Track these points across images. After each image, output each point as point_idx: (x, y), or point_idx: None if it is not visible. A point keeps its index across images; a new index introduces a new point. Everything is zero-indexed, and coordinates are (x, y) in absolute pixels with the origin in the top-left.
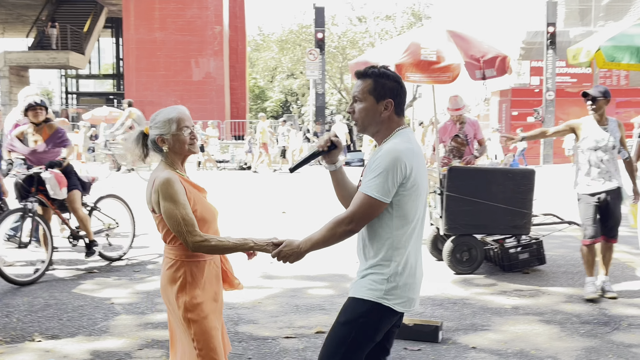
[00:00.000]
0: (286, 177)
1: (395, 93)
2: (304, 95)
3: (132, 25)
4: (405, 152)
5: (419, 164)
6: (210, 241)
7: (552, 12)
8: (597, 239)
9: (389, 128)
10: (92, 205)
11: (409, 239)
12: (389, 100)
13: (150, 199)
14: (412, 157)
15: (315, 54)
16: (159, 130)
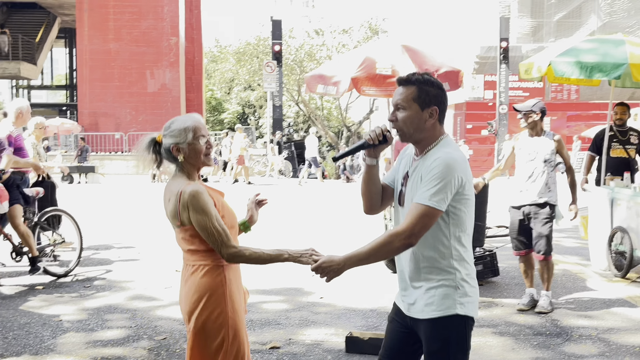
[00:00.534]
0: (242, 190)
1: (440, 100)
2: (262, 107)
3: (86, 36)
4: (459, 160)
5: (469, 172)
6: (245, 252)
7: (505, 28)
8: (522, 251)
9: (433, 136)
10: (37, 220)
11: (468, 246)
12: (434, 107)
13: (176, 212)
14: (465, 165)
15: (272, 66)
16: (174, 139)
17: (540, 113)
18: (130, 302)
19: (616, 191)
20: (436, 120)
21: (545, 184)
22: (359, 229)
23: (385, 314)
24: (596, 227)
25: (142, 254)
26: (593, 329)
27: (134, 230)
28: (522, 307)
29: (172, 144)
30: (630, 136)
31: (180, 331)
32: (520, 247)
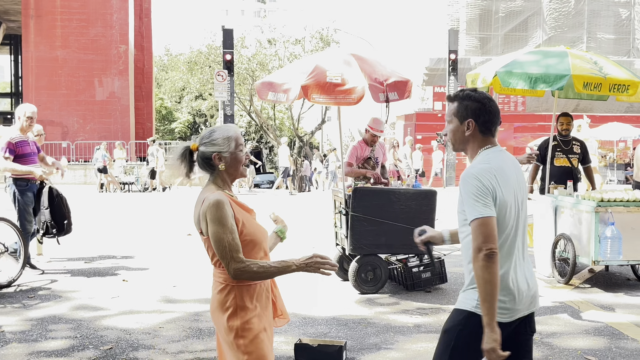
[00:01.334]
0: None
1: (478, 113)
2: (213, 116)
3: (32, 42)
4: (480, 172)
5: (500, 180)
6: (252, 267)
7: (454, 41)
8: None
9: (474, 148)
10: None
11: (500, 252)
12: (470, 120)
13: (199, 220)
14: (488, 175)
15: (223, 75)
16: (217, 147)
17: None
18: (76, 312)
19: (560, 199)
20: (475, 131)
21: None
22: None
23: (334, 322)
24: (541, 235)
25: (89, 263)
26: (537, 333)
27: (81, 240)
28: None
29: (214, 153)
30: (573, 146)
31: (127, 340)
32: None
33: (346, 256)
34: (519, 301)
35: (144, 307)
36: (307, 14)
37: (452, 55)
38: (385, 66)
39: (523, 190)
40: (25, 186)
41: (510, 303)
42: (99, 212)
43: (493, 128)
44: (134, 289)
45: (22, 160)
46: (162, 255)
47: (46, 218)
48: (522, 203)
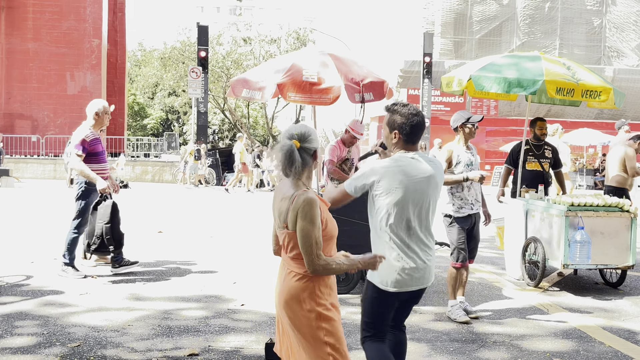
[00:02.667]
0: (164, 195)
1: (403, 126)
2: (186, 113)
3: (3, 34)
4: (382, 164)
5: (398, 177)
6: (332, 264)
7: (429, 44)
8: (468, 262)
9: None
10: None
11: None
12: (395, 131)
13: (286, 214)
14: (385, 169)
15: (197, 72)
16: (316, 144)
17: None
18: (43, 308)
19: (530, 203)
20: (399, 141)
21: (479, 193)
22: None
23: None
24: (511, 238)
25: (58, 259)
26: (506, 335)
27: (49, 235)
28: (465, 319)
29: (316, 149)
30: (545, 150)
31: (95, 338)
32: (467, 258)
33: None
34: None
35: (113, 304)
36: (283, 12)
37: (427, 58)
38: (362, 66)
39: (429, 192)
40: (93, 188)
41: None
42: (68, 207)
43: (415, 138)
44: (102, 286)
45: (93, 159)
46: (132, 253)
47: (104, 233)
48: (423, 201)
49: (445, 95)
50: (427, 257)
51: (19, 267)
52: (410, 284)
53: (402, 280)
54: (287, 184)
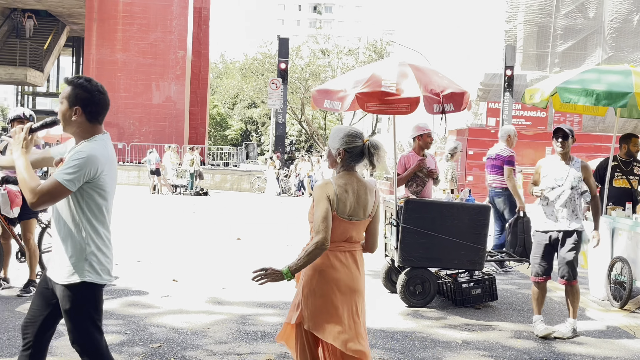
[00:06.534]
0: (246, 202)
1: (86, 102)
2: (264, 124)
3: (94, 45)
4: (95, 155)
5: (107, 165)
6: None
7: (511, 56)
8: (541, 277)
9: (81, 132)
10: (47, 223)
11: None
12: (77, 107)
13: (373, 204)
14: (98, 161)
15: (277, 83)
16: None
17: (573, 139)
18: (127, 308)
19: (617, 221)
20: (81, 117)
21: (572, 210)
22: None
23: (381, 334)
24: (596, 257)
25: (142, 262)
26: (589, 357)
27: (134, 238)
28: (544, 333)
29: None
30: (634, 167)
31: (176, 339)
32: (540, 273)
33: (395, 268)
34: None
35: (193, 307)
36: (362, 25)
37: (508, 71)
38: (442, 77)
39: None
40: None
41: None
42: (151, 213)
43: (100, 117)
44: (183, 289)
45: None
46: (212, 258)
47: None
48: (115, 183)
49: (527, 109)
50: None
51: None
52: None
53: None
54: (357, 178)
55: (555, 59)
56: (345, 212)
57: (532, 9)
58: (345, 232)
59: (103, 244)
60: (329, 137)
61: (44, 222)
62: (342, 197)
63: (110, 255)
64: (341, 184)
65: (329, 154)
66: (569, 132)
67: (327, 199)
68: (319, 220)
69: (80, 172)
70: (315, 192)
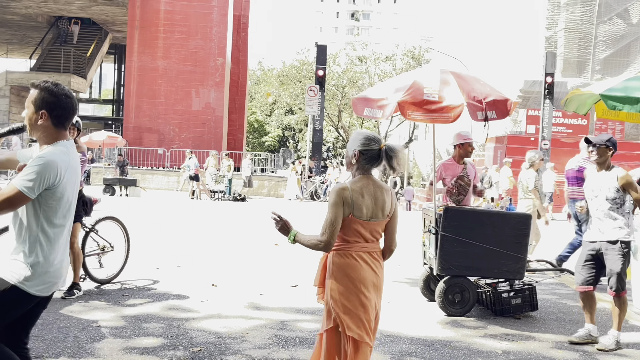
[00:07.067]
0: None
1: (52, 107)
2: (301, 131)
3: (136, 53)
4: (54, 161)
5: (65, 172)
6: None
7: (551, 63)
8: (584, 287)
9: (46, 137)
10: (90, 227)
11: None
12: (43, 111)
13: (390, 204)
14: (58, 167)
15: (315, 90)
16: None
17: (613, 149)
18: (167, 312)
19: None
20: (47, 122)
21: (615, 220)
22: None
23: (420, 342)
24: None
25: (182, 267)
26: None
27: (174, 243)
28: (574, 338)
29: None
30: None
31: (215, 344)
32: (581, 282)
33: (433, 276)
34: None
35: (232, 312)
36: (400, 32)
37: (549, 78)
38: (484, 84)
39: (77, 184)
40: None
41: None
42: (190, 218)
43: (65, 123)
44: (222, 294)
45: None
46: (250, 263)
47: None
48: (75, 196)
49: (567, 117)
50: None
51: (146, 272)
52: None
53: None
54: (373, 181)
55: (596, 65)
56: (363, 214)
57: (573, 15)
58: (366, 233)
59: (52, 257)
60: (349, 140)
61: (87, 226)
62: (358, 201)
63: (57, 268)
64: (357, 188)
65: (346, 156)
66: (600, 141)
67: (341, 204)
68: (327, 222)
69: (40, 178)
70: (330, 196)
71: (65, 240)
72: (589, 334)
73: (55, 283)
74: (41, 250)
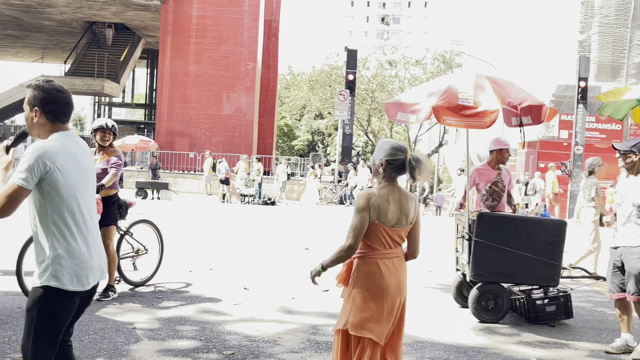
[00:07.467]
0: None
1: (44, 102)
2: (330, 135)
3: (168, 57)
4: (41, 151)
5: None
6: None
7: (585, 68)
8: (617, 294)
9: (44, 133)
10: (125, 230)
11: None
12: (36, 108)
13: (414, 211)
14: (48, 155)
15: (345, 94)
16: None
17: (639, 154)
18: (200, 315)
19: None
20: (42, 118)
21: (638, 226)
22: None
23: (453, 349)
24: None
25: (214, 270)
26: None
27: (206, 246)
28: (610, 349)
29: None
30: None
31: (249, 347)
32: (613, 290)
33: (466, 282)
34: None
35: (264, 316)
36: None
37: (582, 83)
38: (520, 89)
39: (91, 172)
40: None
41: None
42: (221, 221)
43: (62, 117)
44: (254, 297)
45: None
46: (281, 267)
47: None
48: (87, 182)
49: (601, 122)
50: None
51: (178, 274)
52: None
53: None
54: (398, 188)
55: (631, 70)
56: (389, 220)
57: (608, 19)
58: (390, 239)
59: (71, 247)
60: (375, 148)
61: (122, 229)
62: (384, 207)
63: (82, 259)
64: (383, 194)
65: (372, 164)
66: (626, 147)
67: (367, 209)
68: (352, 226)
69: (30, 167)
70: (358, 201)
71: (87, 228)
72: (626, 344)
73: (86, 275)
74: (57, 242)
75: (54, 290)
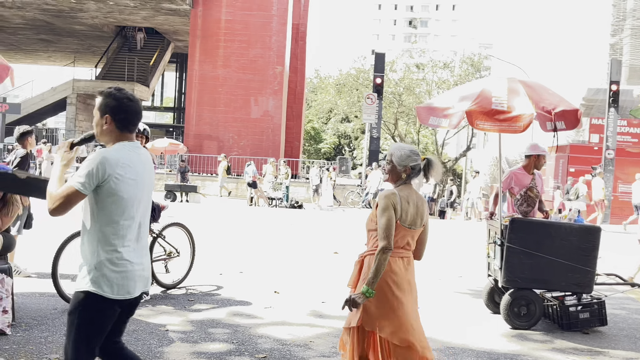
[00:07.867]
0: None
1: (115, 111)
2: (357, 138)
3: (197, 61)
4: (104, 157)
5: (120, 170)
6: None
7: (616, 71)
8: None
9: (112, 141)
10: (157, 232)
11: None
12: (107, 116)
13: (426, 214)
14: (108, 162)
15: (373, 98)
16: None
17: None
18: (232, 317)
19: None
20: (111, 126)
21: None
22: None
23: (486, 355)
24: None
25: (244, 273)
26: None
27: (235, 249)
28: None
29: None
30: None
31: (280, 351)
32: None
33: (498, 288)
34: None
35: (295, 319)
36: (458, 39)
37: (614, 86)
38: (553, 94)
39: (149, 184)
40: None
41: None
42: (250, 224)
43: (131, 126)
44: (285, 301)
45: None
46: (311, 271)
47: None
48: (143, 194)
49: (633, 126)
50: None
51: (209, 277)
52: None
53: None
54: (414, 190)
55: None
56: (407, 221)
57: None
58: (405, 239)
59: (116, 256)
60: (392, 153)
61: (155, 232)
62: (405, 207)
63: (125, 268)
64: (404, 195)
65: (392, 169)
66: None
67: (392, 208)
68: (383, 227)
69: (89, 173)
70: (381, 202)
71: (135, 239)
72: None
73: (128, 284)
74: (102, 249)
75: (94, 295)
